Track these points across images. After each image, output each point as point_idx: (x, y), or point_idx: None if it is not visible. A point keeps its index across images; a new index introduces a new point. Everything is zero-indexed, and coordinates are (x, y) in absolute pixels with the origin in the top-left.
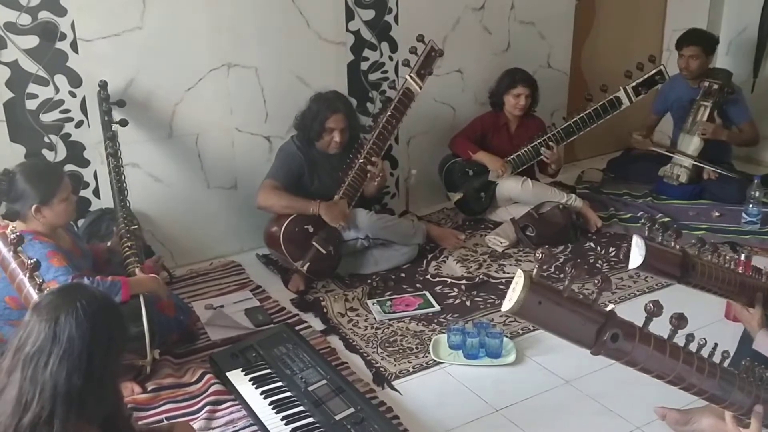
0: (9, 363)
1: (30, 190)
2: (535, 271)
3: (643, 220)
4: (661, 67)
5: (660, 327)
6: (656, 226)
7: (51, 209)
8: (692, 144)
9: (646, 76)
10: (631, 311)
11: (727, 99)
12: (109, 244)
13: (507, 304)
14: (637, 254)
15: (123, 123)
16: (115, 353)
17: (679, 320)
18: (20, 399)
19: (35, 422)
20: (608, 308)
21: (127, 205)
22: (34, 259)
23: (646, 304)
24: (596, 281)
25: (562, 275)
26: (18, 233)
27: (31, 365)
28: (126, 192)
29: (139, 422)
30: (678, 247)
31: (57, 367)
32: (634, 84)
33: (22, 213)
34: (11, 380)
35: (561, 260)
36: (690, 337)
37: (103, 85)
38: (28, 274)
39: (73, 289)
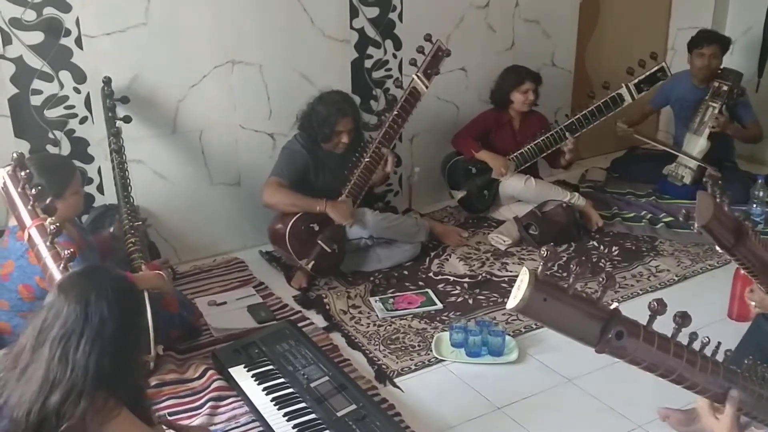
0: (34, 341)
1: (45, 183)
2: (540, 268)
3: (705, 178)
4: (663, 64)
5: (662, 326)
6: (714, 185)
7: (64, 202)
8: (698, 145)
9: (648, 73)
10: (634, 310)
11: (736, 102)
12: (111, 230)
13: (512, 301)
14: (703, 211)
15: (127, 119)
16: (142, 335)
17: (683, 318)
18: (47, 377)
19: (63, 400)
20: (612, 306)
21: (131, 201)
22: (71, 250)
23: (650, 302)
24: (600, 279)
25: (565, 274)
26: (57, 225)
27: (60, 346)
28: (130, 188)
29: None
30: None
31: (89, 349)
32: (636, 81)
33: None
34: (36, 358)
35: (564, 259)
36: (693, 336)
37: (107, 81)
38: (62, 265)
39: (99, 271)
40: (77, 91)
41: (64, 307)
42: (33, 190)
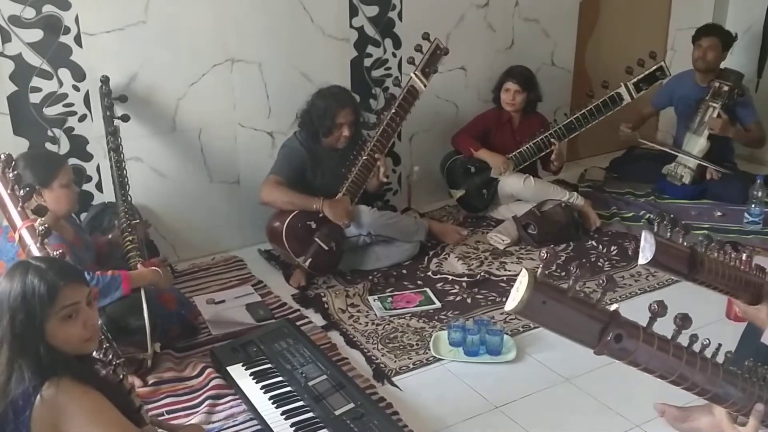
0: None
1: (29, 174)
2: (539, 270)
3: (651, 216)
4: (662, 63)
5: (661, 326)
6: (665, 221)
7: (51, 192)
8: (698, 145)
9: (647, 72)
10: (632, 310)
11: (736, 101)
12: (110, 236)
13: (511, 303)
14: (647, 250)
15: (125, 118)
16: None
17: (683, 320)
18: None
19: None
20: (612, 308)
21: (129, 199)
22: (60, 251)
23: (651, 304)
24: (601, 281)
25: (563, 273)
26: (46, 226)
27: None
28: (127, 186)
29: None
30: (686, 243)
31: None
32: (635, 80)
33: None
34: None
35: (563, 258)
36: (694, 338)
37: (105, 80)
38: None
39: (38, 258)
40: (76, 88)
41: None
42: (22, 191)
